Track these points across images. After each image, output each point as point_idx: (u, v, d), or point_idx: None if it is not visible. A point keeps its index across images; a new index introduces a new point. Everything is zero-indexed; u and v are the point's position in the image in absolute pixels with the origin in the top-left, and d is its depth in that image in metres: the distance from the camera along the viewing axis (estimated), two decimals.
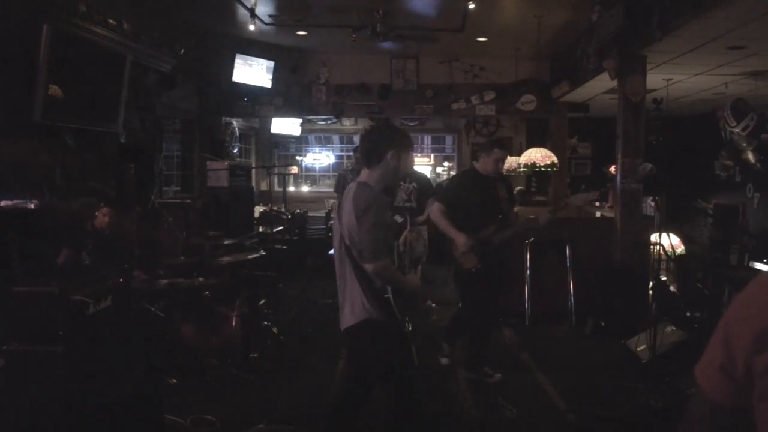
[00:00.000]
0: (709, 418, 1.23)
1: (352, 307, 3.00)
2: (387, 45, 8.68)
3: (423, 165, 12.69)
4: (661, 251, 5.44)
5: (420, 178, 8.49)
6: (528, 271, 6.85)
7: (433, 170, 13.15)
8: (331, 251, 7.03)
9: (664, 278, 6.34)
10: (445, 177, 12.86)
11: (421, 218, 8.26)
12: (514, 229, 4.99)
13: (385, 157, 3.03)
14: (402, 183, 8.31)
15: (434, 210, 5.04)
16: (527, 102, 9.75)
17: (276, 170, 11.05)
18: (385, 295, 2.95)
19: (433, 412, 4.47)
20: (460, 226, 4.83)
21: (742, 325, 1.15)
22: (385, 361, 3.07)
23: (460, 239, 4.78)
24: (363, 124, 12.33)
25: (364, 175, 3.11)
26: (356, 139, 12.73)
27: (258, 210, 9.59)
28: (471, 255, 4.80)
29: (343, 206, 3.03)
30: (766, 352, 1.09)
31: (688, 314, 5.75)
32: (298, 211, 10.00)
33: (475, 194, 4.93)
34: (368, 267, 2.89)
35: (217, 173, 8.13)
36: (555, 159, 8.79)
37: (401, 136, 3.16)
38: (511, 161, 7.68)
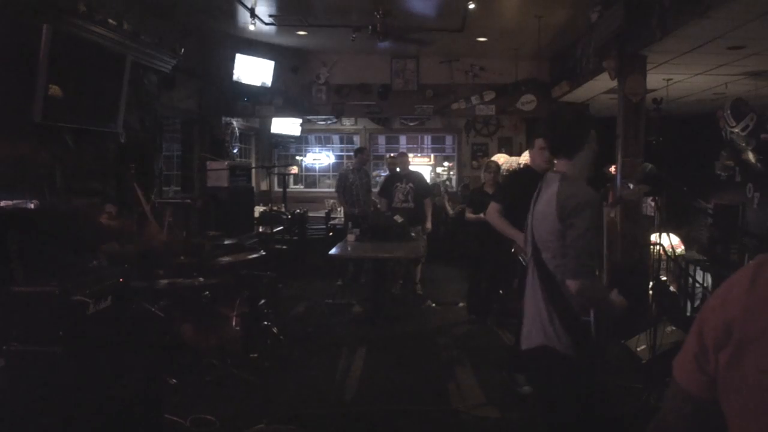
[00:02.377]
0: (684, 409, 1.23)
1: (532, 326, 2.51)
2: (387, 45, 8.68)
3: (423, 165, 12.70)
4: (661, 251, 5.43)
5: (416, 179, 8.51)
6: None
7: (433, 170, 13.15)
8: (332, 251, 7.08)
9: (664, 278, 6.34)
10: (445, 177, 12.86)
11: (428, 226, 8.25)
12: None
13: (586, 143, 2.57)
14: (399, 183, 8.32)
15: (491, 211, 4.76)
16: (527, 102, 9.76)
17: (276, 170, 11.05)
18: (585, 318, 2.42)
19: (431, 411, 4.48)
20: (516, 227, 4.46)
21: (711, 318, 1.16)
22: (569, 397, 2.49)
23: (522, 239, 4.43)
24: (363, 124, 12.35)
25: (562, 166, 2.60)
26: (356, 139, 12.74)
27: (258, 210, 9.59)
28: None
29: (538, 202, 2.59)
30: (729, 347, 1.10)
31: (688, 314, 5.75)
32: (298, 211, 10.00)
33: (531, 192, 4.54)
34: (571, 285, 2.35)
35: (217, 173, 8.14)
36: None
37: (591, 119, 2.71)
38: (511, 161, 7.68)
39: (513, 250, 4.74)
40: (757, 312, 1.08)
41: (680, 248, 6.66)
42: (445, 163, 13.26)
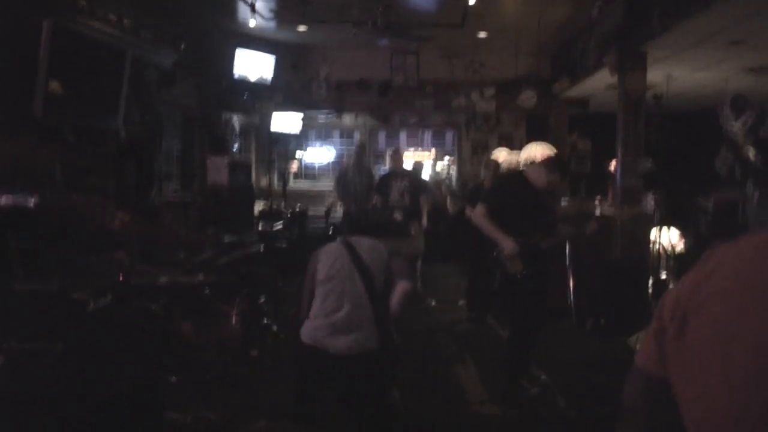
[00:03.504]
0: (642, 389, 1.26)
1: (359, 333, 3.33)
2: (387, 41, 8.67)
3: (423, 160, 12.67)
4: (661, 248, 5.43)
5: (412, 176, 8.50)
6: None
7: (434, 166, 13.13)
8: None
9: (664, 276, 6.33)
10: (445, 175, 12.84)
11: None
12: (560, 236, 4.88)
13: None
14: (394, 181, 8.30)
15: (477, 213, 4.77)
16: (527, 98, 9.74)
17: (276, 166, 11.04)
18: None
19: (430, 410, 4.49)
20: (505, 230, 4.62)
21: (667, 298, 1.21)
22: (387, 387, 3.59)
23: (507, 243, 4.57)
24: (363, 119, 12.33)
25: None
26: (356, 135, 12.71)
27: (258, 207, 9.58)
28: (517, 259, 4.59)
29: (363, 249, 3.54)
30: (675, 320, 1.15)
31: None
32: (298, 208, 10.00)
33: (521, 199, 4.74)
34: (405, 285, 3.49)
35: (217, 169, 8.13)
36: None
37: None
38: (511, 160, 7.67)
39: (495, 254, 4.72)
40: (701, 286, 1.12)
41: (680, 245, 6.65)
42: (446, 157, 13.24)
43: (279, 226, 9.08)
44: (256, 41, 9.06)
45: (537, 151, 8.82)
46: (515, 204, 4.74)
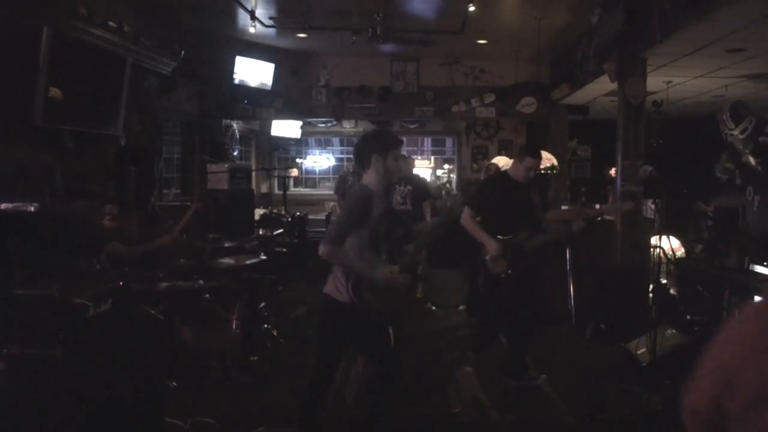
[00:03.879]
0: None
1: (330, 280, 3.48)
2: (387, 47, 8.69)
3: (423, 168, 12.70)
4: (661, 254, 5.43)
5: (415, 181, 8.49)
6: None
7: (433, 173, 13.15)
8: None
9: (665, 281, 6.33)
10: (445, 179, 12.86)
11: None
12: (546, 235, 4.89)
13: (371, 162, 3.46)
14: (397, 186, 8.29)
15: (464, 215, 4.90)
16: (527, 104, 9.76)
17: (276, 173, 11.05)
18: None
19: (431, 414, 4.48)
20: (491, 231, 4.74)
21: (710, 367, 1.17)
22: (358, 332, 3.49)
23: (491, 245, 4.70)
24: (363, 126, 12.35)
25: (364, 175, 3.55)
26: (356, 141, 12.74)
27: (258, 212, 9.58)
28: (501, 261, 4.71)
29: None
30: (737, 393, 1.11)
31: (688, 317, 5.74)
32: (298, 213, 10.00)
33: (506, 199, 4.84)
34: (319, 248, 3.29)
35: (217, 176, 8.13)
36: (555, 161, 8.78)
37: (383, 140, 3.59)
38: (510, 164, 7.68)
39: (486, 255, 4.82)
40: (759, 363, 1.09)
41: (680, 251, 6.65)
42: (446, 166, 13.27)
43: (279, 231, 9.08)
44: (255, 48, 9.08)
45: None
46: (498, 201, 4.86)
